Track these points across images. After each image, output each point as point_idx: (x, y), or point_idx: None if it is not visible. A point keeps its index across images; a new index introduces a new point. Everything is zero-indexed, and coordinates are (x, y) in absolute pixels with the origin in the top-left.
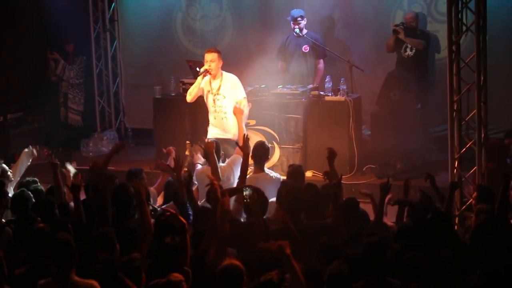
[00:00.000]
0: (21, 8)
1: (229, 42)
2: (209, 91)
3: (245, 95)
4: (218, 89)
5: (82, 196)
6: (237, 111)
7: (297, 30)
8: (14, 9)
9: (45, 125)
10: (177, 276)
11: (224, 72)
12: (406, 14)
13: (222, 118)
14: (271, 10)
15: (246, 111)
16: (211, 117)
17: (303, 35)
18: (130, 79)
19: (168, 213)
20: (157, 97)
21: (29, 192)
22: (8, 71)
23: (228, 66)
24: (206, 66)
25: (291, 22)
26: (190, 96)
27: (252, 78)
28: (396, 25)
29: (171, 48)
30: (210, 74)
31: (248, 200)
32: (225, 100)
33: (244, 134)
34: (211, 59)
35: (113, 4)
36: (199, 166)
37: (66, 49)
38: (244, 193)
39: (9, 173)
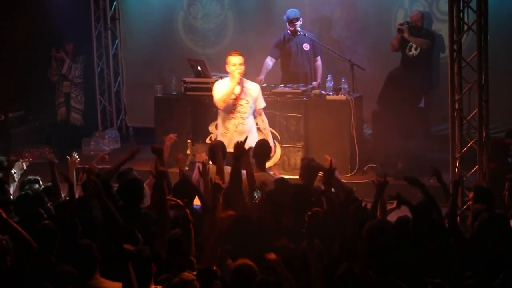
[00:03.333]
0: (22, 7)
1: (230, 41)
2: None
3: (265, 105)
4: (240, 94)
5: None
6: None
7: (298, 30)
8: (15, 8)
9: (46, 123)
10: (189, 275)
11: (243, 78)
12: (412, 13)
13: (239, 124)
14: (272, 9)
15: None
16: (225, 123)
17: (304, 34)
18: (132, 78)
19: (174, 202)
20: (158, 96)
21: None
22: (9, 70)
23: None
24: (239, 70)
25: (287, 23)
26: (224, 103)
27: (253, 77)
28: (401, 24)
29: (173, 47)
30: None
31: (257, 201)
32: (247, 106)
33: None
34: (240, 62)
35: (115, 2)
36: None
37: (66, 48)
38: (254, 195)
39: (13, 171)
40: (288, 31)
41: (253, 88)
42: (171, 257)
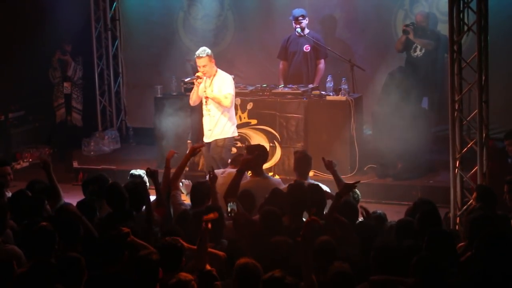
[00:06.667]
0: (22, 7)
1: (230, 42)
2: (203, 89)
3: (231, 92)
4: (210, 86)
5: (81, 196)
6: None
7: (298, 30)
8: (15, 9)
9: (46, 124)
10: (186, 275)
11: (219, 70)
12: (417, 13)
13: (207, 116)
14: (272, 10)
15: (227, 103)
16: (204, 117)
17: (305, 35)
18: (132, 78)
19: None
20: (158, 96)
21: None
22: (9, 71)
23: (229, 65)
24: (199, 73)
25: (293, 21)
26: (192, 100)
27: (253, 78)
28: (406, 25)
29: (173, 48)
30: (200, 79)
31: (232, 214)
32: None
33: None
34: (203, 65)
35: (115, 3)
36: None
37: (65, 49)
38: (228, 207)
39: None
40: (296, 32)
41: (219, 79)
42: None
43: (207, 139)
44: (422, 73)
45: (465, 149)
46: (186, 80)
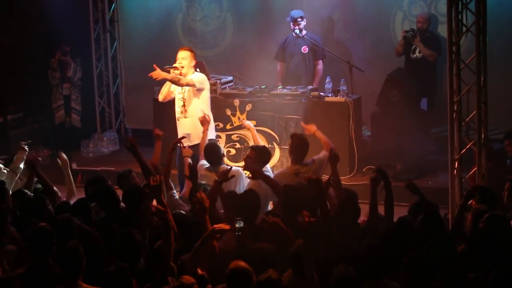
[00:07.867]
0: (20, 9)
1: (229, 43)
2: (178, 91)
3: (195, 79)
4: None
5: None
6: (204, 121)
7: (297, 31)
8: (13, 10)
9: (45, 125)
10: (189, 279)
11: (196, 72)
12: (419, 15)
13: (186, 118)
14: (271, 11)
15: (184, 80)
16: (179, 121)
17: (303, 36)
18: (130, 80)
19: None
20: (156, 97)
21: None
22: (8, 72)
23: (228, 66)
24: (176, 64)
25: (291, 23)
26: (162, 95)
27: (252, 79)
28: (406, 31)
29: (171, 49)
30: (177, 70)
31: (240, 233)
32: (186, 93)
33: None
34: (182, 57)
35: (113, 4)
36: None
37: (65, 50)
38: (236, 226)
39: (1, 167)
40: (293, 33)
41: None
42: (153, 267)
43: (187, 142)
44: (421, 74)
45: (464, 150)
46: (166, 66)
